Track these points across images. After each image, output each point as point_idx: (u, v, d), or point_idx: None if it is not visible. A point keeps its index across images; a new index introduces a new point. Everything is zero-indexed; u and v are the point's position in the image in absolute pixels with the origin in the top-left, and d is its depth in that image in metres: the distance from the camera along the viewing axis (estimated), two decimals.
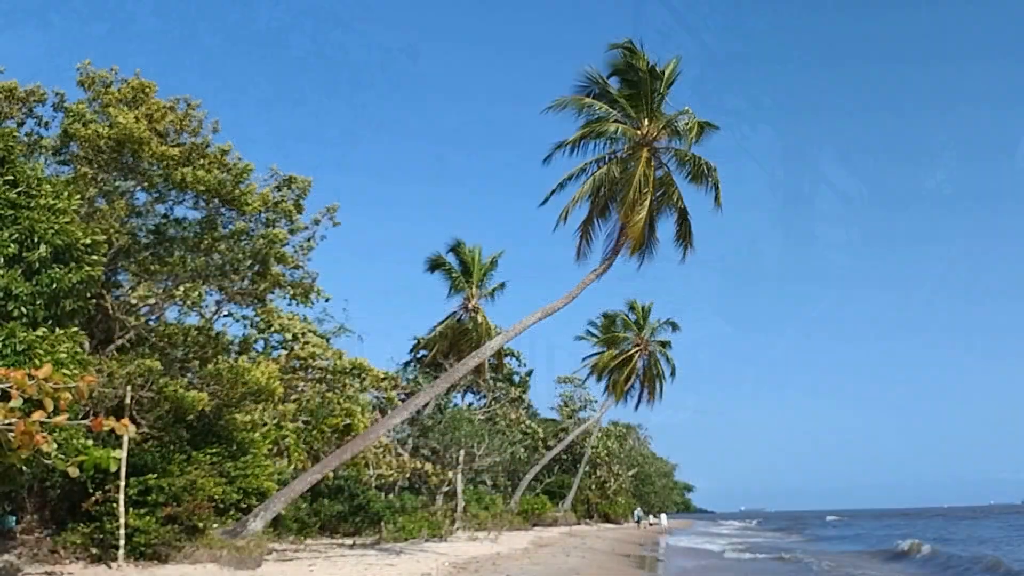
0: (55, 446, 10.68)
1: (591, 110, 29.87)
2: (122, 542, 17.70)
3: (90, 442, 13.09)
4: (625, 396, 64.03)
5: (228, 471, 21.35)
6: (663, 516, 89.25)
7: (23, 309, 14.65)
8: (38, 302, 14.91)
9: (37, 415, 8.29)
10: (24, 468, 13.02)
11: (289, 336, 32.24)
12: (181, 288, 21.78)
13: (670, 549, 50.85)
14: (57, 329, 14.71)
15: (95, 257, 16.29)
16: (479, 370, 48.26)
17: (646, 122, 29.51)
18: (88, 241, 16.13)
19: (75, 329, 15.40)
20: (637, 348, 64.25)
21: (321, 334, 34.77)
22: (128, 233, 20.55)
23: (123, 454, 17.01)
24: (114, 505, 17.78)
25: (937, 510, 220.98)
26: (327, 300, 32.78)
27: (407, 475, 39.76)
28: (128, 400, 18.66)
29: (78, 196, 17.53)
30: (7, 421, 8.32)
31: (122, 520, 17.71)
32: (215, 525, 20.36)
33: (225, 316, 25.91)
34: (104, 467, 11.99)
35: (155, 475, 18.93)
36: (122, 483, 17.75)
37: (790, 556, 39.96)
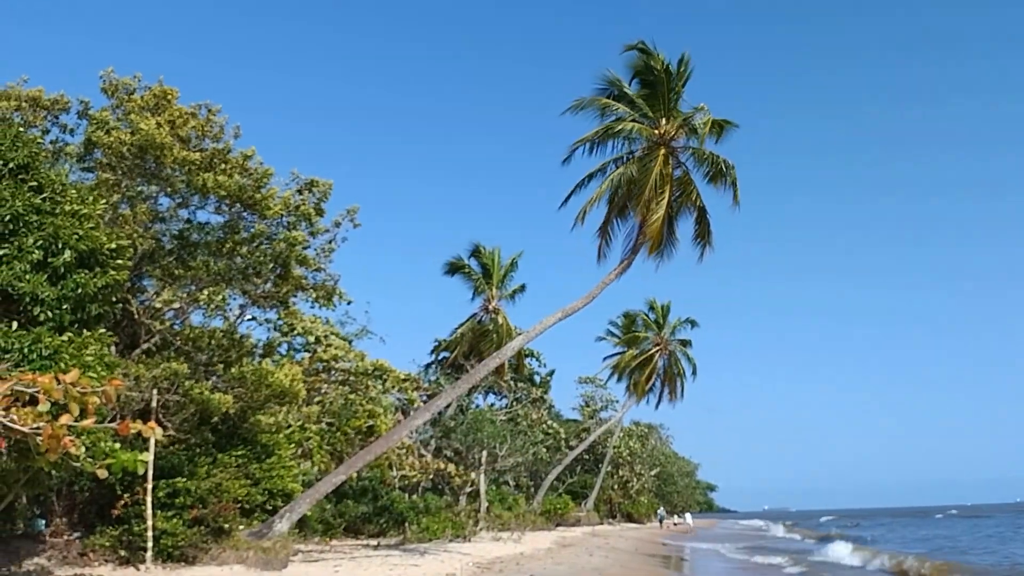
0: (83, 449, 10.84)
1: (609, 111, 29.87)
2: (150, 544, 17.88)
3: (117, 445, 13.18)
4: (646, 396, 63.93)
5: (253, 473, 21.51)
6: (688, 515, 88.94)
7: (49, 314, 14.80)
8: (64, 307, 15.07)
9: (65, 419, 8.40)
10: (52, 472, 13.17)
11: (312, 339, 32.46)
12: (205, 292, 21.98)
13: (692, 548, 50.70)
14: (85, 332, 14.86)
15: (120, 262, 16.44)
16: (500, 371, 48.30)
17: (663, 121, 29.45)
18: (113, 246, 16.29)
19: (102, 331, 15.55)
20: (657, 347, 64.09)
21: (344, 336, 34.98)
22: (152, 238, 20.76)
23: (150, 457, 17.15)
24: (141, 508, 17.95)
25: (960, 508, 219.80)
26: (349, 303, 33.08)
27: (430, 476, 39.92)
28: (154, 403, 18.83)
29: (102, 202, 17.73)
30: (35, 425, 8.44)
31: (150, 522, 17.88)
32: (241, 527, 20.52)
33: (249, 319, 26.17)
34: (131, 470, 12.11)
35: (182, 478, 19.13)
36: (149, 486, 17.93)
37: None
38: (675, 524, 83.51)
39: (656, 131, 29.49)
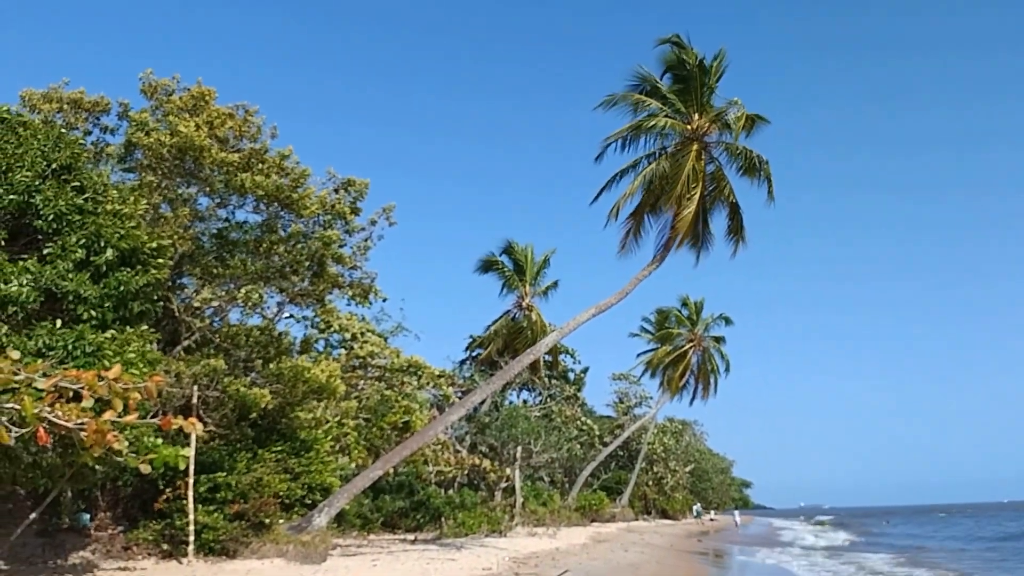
0: (126, 444, 11.06)
1: (641, 106, 29.80)
2: (192, 538, 18.20)
3: (159, 441, 13.40)
4: (680, 392, 63.67)
5: (292, 468, 21.77)
6: (736, 513, 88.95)
7: (92, 312, 15.05)
8: (106, 304, 15.30)
9: (108, 415, 8.57)
10: (97, 467, 13.46)
11: (348, 336, 32.72)
12: (243, 290, 22.24)
13: (727, 546, 50.44)
14: (127, 329, 15.11)
15: (160, 261, 16.68)
16: (534, 368, 48.36)
17: (696, 116, 29.31)
18: (154, 245, 16.54)
19: (144, 328, 15.80)
20: (691, 344, 63.83)
21: (379, 333, 35.21)
22: (191, 238, 21.05)
23: (191, 452, 17.40)
24: (183, 502, 18.27)
25: (995, 505, 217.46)
26: (384, 300, 33.28)
27: (465, 471, 40.09)
28: (195, 399, 19.13)
29: (143, 202, 18.01)
30: (80, 421, 8.63)
31: (191, 517, 18.20)
32: (281, 521, 20.78)
33: (286, 317, 26.42)
34: (173, 465, 12.30)
35: (222, 472, 19.43)
36: (191, 481, 18.24)
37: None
38: (711, 520, 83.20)
39: (689, 126, 29.37)
